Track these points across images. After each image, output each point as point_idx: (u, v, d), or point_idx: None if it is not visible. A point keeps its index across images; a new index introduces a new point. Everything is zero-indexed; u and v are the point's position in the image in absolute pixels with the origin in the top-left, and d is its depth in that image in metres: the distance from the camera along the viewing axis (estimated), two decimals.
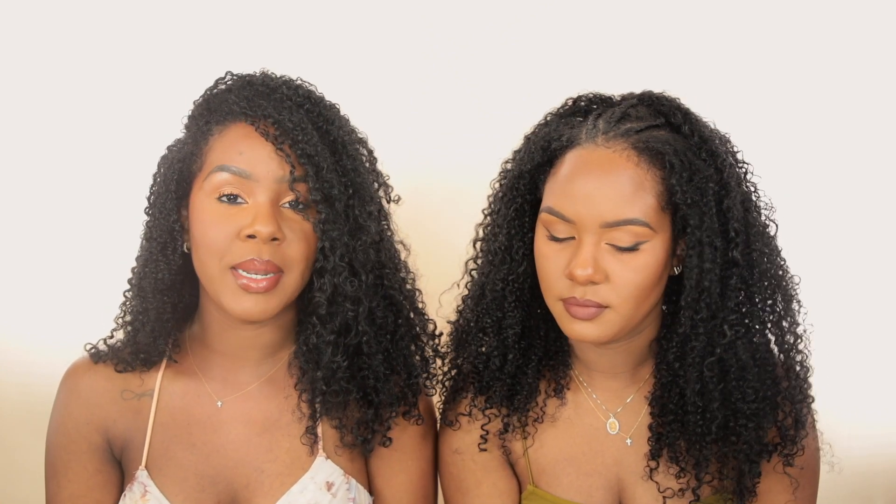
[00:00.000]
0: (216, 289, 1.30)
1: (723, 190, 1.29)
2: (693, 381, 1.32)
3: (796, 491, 1.38)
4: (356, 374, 1.37)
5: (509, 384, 1.41)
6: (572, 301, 1.29)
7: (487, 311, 1.40)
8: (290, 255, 1.30)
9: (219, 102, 1.34)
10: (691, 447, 1.34)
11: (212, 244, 1.28)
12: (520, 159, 1.37)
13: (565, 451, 1.42)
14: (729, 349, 1.31)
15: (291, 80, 1.37)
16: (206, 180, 1.30)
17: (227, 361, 1.40)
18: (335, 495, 1.38)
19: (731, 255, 1.30)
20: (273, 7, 1.89)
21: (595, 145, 1.30)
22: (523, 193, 1.36)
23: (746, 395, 1.32)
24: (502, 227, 1.37)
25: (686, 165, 1.28)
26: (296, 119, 1.30)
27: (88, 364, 1.42)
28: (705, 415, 1.32)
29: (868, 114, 1.87)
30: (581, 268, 1.26)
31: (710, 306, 1.29)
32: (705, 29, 1.87)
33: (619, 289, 1.28)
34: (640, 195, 1.27)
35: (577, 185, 1.28)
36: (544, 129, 1.37)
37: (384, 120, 1.83)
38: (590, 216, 1.27)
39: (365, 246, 1.34)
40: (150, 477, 1.36)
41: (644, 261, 1.28)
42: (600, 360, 1.41)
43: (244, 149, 1.29)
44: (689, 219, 1.27)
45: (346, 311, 1.33)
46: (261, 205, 1.28)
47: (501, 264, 1.38)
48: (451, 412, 1.46)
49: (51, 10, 1.85)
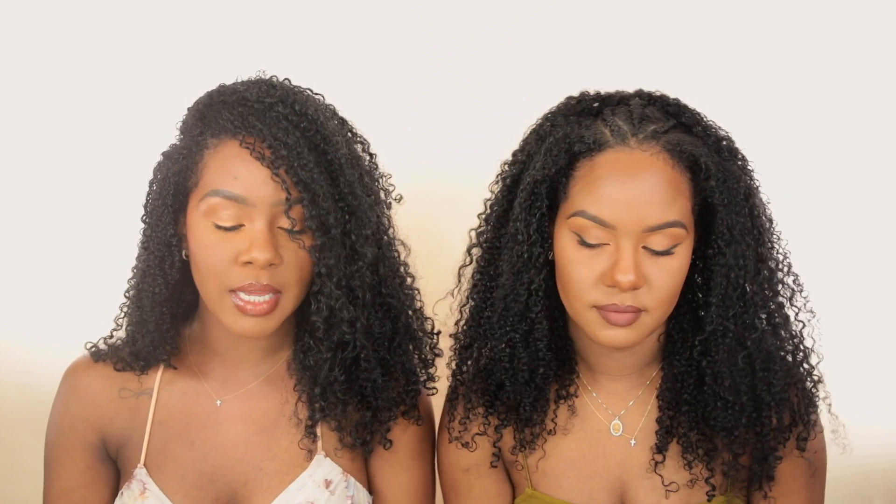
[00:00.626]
0: (216, 308, 1.30)
1: (748, 189, 1.31)
2: (724, 378, 1.32)
3: (798, 482, 1.39)
4: (353, 385, 1.38)
5: (535, 398, 1.39)
6: (612, 308, 1.27)
7: (513, 325, 1.36)
8: (287, 277, 1.29)
9: (213, 115, 1.31)
10: (702, 437, 1.35)
11: (210, 267, 1.28)
12: (540, 164, 1.32)
13: (567, 455, 1.41)
14: (758, 341, 1.32)
15: (287, 95, 1.32)
16: (202, 201, 1.28)
17: (227, 361, 1.41)
18: (333, 493, 1.38)
19: (759, 252, 1.31)
20: (271, 7, 1.88)
21: (629, 148, 1.28)
22: (544, 199, 1.32)
23: (772, 386, 1.33)
24: (524, 236, 1.33)
25: (720, 167, 1.29)
26: (291, 141, 1.27)
27: (88, 363, 1.42)
28: (734, 408, 1.33)
29: (868, 113, 1.87)
30: (624, 274, 1.24)
31: (743, 302, 1.30)
32: (705, 28, 1.87)
33: (657, 292, 1.27)
34: (678, 198, 1.27)
35: (616, 189, 1.26)
36: (559, 132, 1.33)
37: (384, 120, 1.83)
38: (632, 221, 1.25)
39: (362, 270, 1.32)
40: (149, 475, 1.37)
41: (678, 263, 1.28)
42: (611, 364, 1.40)
43: (239, 173, 1.27)
44: (726, 219, 1.28)
45: (342, 332, 1.33)
46: (258, 231, 1.26)
47: (523, 274, 1.34)
48: (465, 434, 1.43)
49: (49, 12, 1.85)
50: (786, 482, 1.39)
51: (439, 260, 1.53)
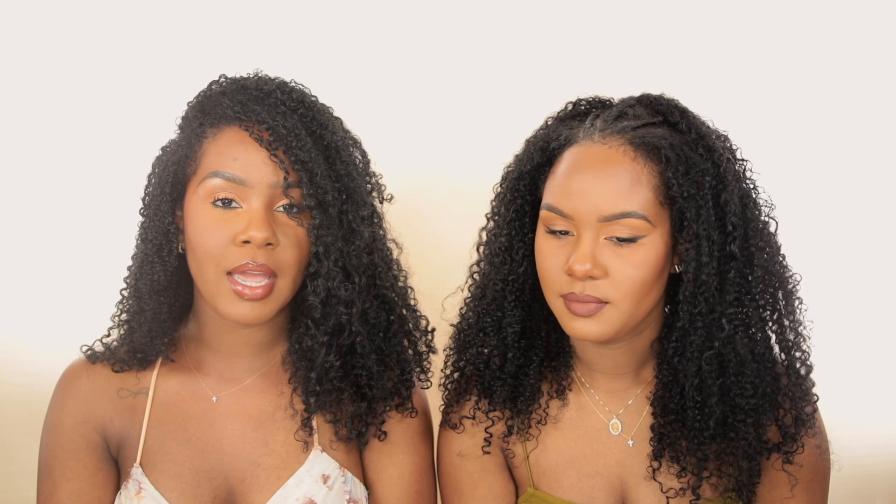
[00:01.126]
0: (212, 293, 1.31)
1: (720, 184, 1.30)
2: (691, 376, 1.32)
3: (794, 488, 1.38)
4: (349, 373, 1.39)
5: (511, 385, 1.42)
6: (572, 297, 1.29)
7: (487, 311, 1.41)
8: (283, 260, 1.31)
9: (212, 105, 1.35)
10: (692, 446, 1.34)
11: (208, 249, 1.29)
12: (519, 161, 1.39)
13: (567, 453, 1.42)
14: (727, 343, 1.31)
15: (285, 84, 1.37)
16: (201, 185, 1.31)
17: (222, 357, 1.41)
18: (331, 488, 1.38)
19: (728, 249, 1.30)
20: (269, 6, 1.89)
21: (591, 142, 1.31)
22: (523, 194, 1.37)
23: (745, 391, 1.32)
24: (503, 228, 1.39)
25: (682, 159, 1.28)
26: (290, 124, 1.31)
27: (85, 365, 1.42)
28: (703, 410, 1.32)
29: (868, 113, 1.87)
30: (580, 263, 1.27)
31: (708, 300, 1.29)
32: (705, 30, 1.88)
33: (619, 284, 1.28)
34: (636, 189, 1.27)
35: (574, 181, 1.29)
36: (544, 132, 1.39)
37: (383, 120, 1.83)
38: (587, 211, 1.27)
39: (359, 250, 1.35)
40: (145, 474, 1.37)
41: (643, 256, 1.28)
42: (602, 361, 1.41)
43: (238, 154, 1.30)
44: (686, 212, 1.28)
45: (339, 314, 1.34)
46: (255, 210, 1.29)
47: (502, 265, 1.39)
48: (454, 415, 1.46)
49: (47, 11, 1.85)
50: (772, 494, 1.39)
51: (437, 258, 1.53)
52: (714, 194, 1.29)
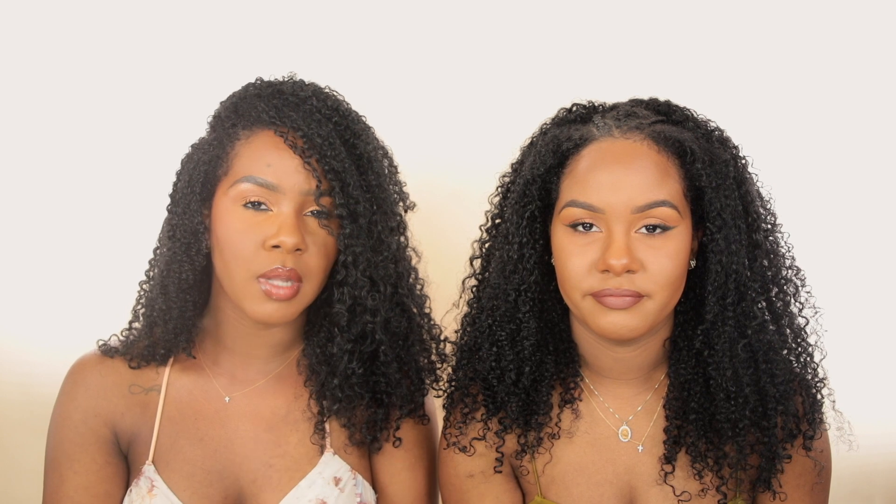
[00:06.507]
0: (239, 294, 1.31)
1: (740, 175, 1.32)
2: (725, 368, 1.31)
3: (821, 473, 1.38)
4: (369, 379, 1.39)
5: (525, 400, 1.38)
6: (606, 293, 1.27)
7: (500, 325, 1.37)
8: (310, 265, 1.31)
9: (247, 107, 1.34)
10: (721, 442, 1.33)
11: (238, 252, 1.29)
12: (530, 165, 1.35)
13: (576, 461, 1.40)
14: (759, 331, 1.32)
15: (321, 91, 1.37)
16: (232, 188, 1.31)
17: (237, 358, 1.41)
18: (343, 490, 1.38)
19: (754, 238, 1.31)
20: (270, 7, 1.88)
21: (613, 138, 1.30)
22: (535, 199, 1.34)
23: (775, 378, 1.32)
24: (514, 237, 1.35)
25: (706, 151, 1.29)
26: (324, 133, 1.31)
27: (98, 358, 1.42)
28: (738, 400, 1.32)
29: (868, 113, 1.87)
30: (616, 257, 1.25)
31: (740, 289, 1.30)
32: (706, 31, 1.88)
33: (656, 276, 1.26)
34: (666, 180, 1.27)
35: (601, 175, 1.27)
36: (548, 135, 1.36)
37: (383, 120, 1.83)
38: (619, 202, 1.26)
39: (386, 260, 1.36)
40: (157, 472, 1.36)
41: (675, 246, 1.27)
42: (616, 366, 1.39)
43: (272, 160, 1.30)
44: (714, 202, 1.28)
45: (365, 322, 1.35)
46: (286, 215, 1.29)
47: (513, 274, 1.35)
48: (462, 437, 1.42)
49: (68, 11, 1.85)
50: (792, 483, 1.38)
51: (436, 258, 1.53)
52: (737, 185, 1.30)
